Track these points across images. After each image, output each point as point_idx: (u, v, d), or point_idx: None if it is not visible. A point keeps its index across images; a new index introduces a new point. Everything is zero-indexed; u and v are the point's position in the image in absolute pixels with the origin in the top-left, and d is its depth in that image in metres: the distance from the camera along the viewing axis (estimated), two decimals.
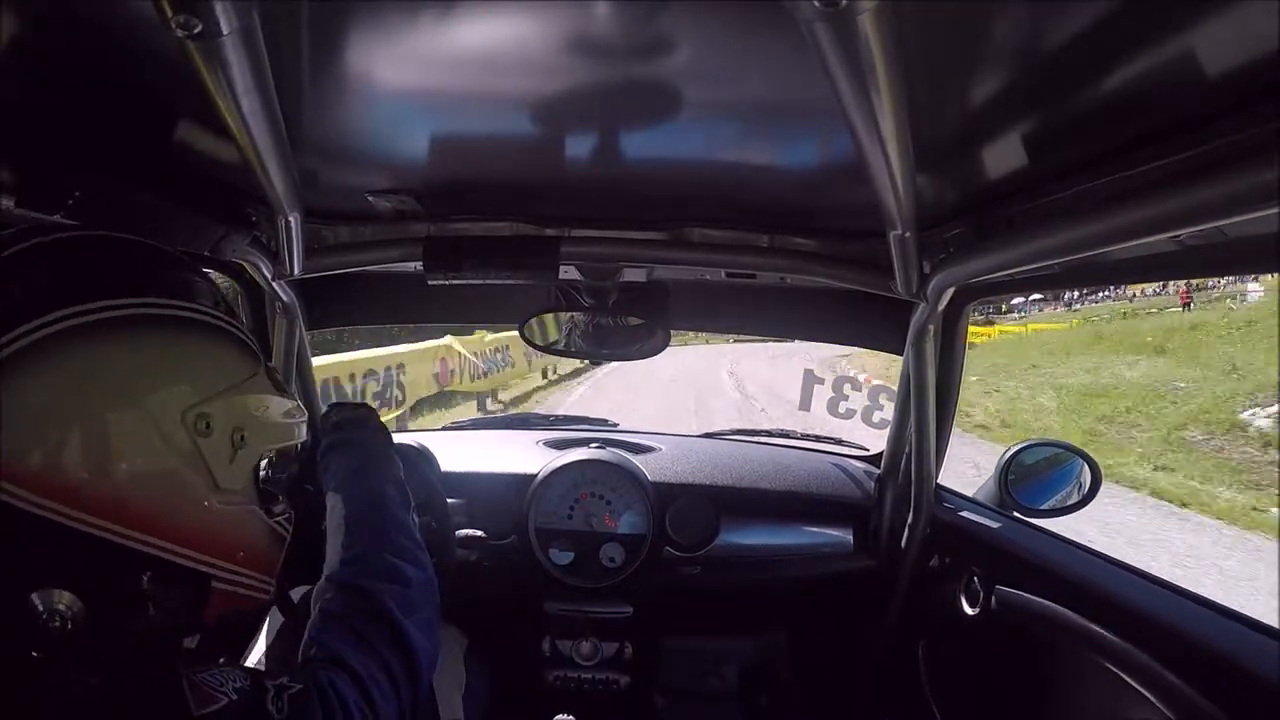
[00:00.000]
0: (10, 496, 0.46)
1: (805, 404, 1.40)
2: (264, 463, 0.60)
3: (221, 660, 0.62)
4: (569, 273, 1.22)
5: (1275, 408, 6.94)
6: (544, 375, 10.72)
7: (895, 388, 1.37)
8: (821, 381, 1.38)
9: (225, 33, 0.47)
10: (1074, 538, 1.13)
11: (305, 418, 0.67)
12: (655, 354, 1.44)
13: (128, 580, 0.51)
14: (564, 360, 9.70)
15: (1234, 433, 6.80)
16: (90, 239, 0.55)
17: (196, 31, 0.45)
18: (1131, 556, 1.41)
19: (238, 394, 0.57)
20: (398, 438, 1.42)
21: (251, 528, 0.59)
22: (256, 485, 0.59)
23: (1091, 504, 1.28)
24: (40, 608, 0.48)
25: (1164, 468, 6.25)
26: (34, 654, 0.48)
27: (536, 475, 1.47)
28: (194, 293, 0.57)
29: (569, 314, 1.43)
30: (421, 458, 1.38)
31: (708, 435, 1.88)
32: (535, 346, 1.46)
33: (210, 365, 0.56)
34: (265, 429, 0.60)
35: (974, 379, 10.56)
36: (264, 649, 0.91)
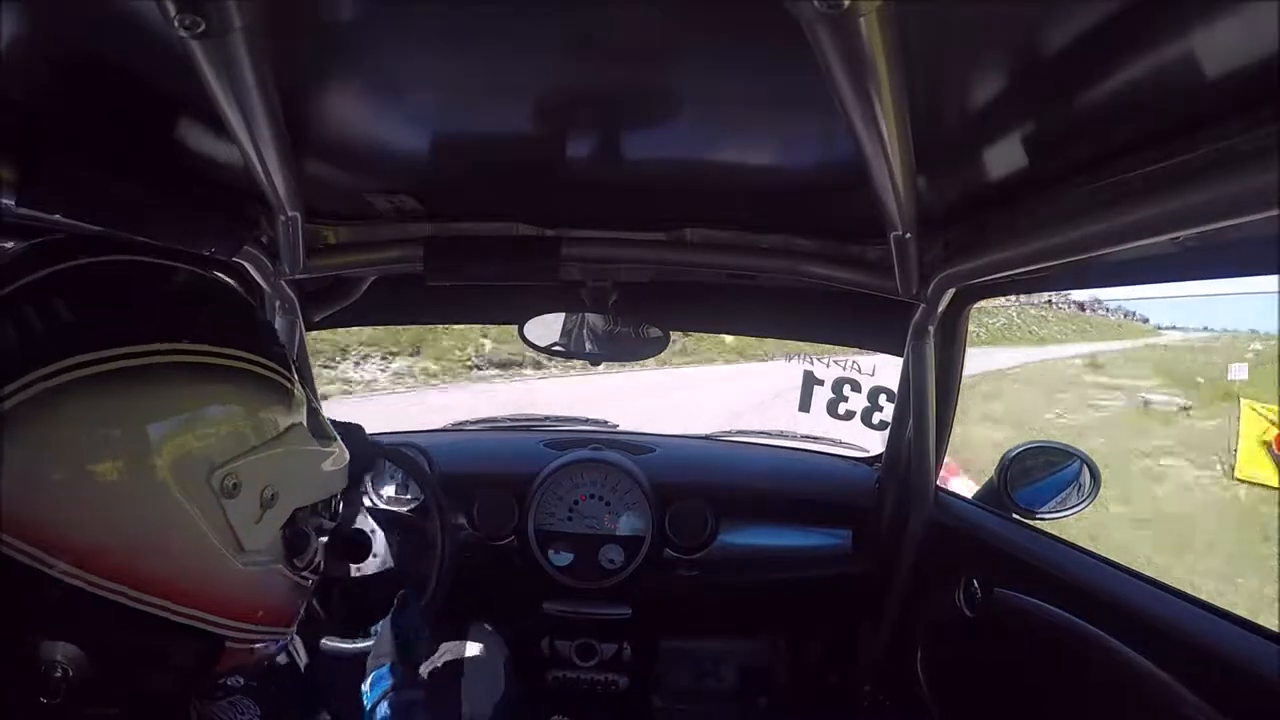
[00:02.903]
0: (15, 552, 0.43)
1: (805, 405, 1.40)
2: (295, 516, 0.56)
3: (229, 682, 0.61)
4: (569, 273, 1.22)
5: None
6: None
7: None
8: (821, 383, 1.37)
9: (228, 32, 0.47)
10: None
11: (346, 463, 0.62)
12: (655, 355, 1.44)
13: (136, 641, 0.48)
14: None
15: None
16: (117, 267, 0.50)
17: (200, 31, 0.45)
18: None
19: (271, 450, 0.52)
20: (396, 437, 1.41)
21: (274, 586, 0.55)
22: (284, 541, 0.55)
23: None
24: (42, 658, 0.45)
25: None
26: (43, 700, 0.46)
27: (536, 476, 1.47)
28: (230, 333, 0.52)
29: (569, 315, 1.43)
30: (420, 458, 1.38)
31: (707, 436, 1.88)
32: (536, 348, 1.46)
33: (243, 420, 0.51)
34: (299, 485, 0.55)
35: None
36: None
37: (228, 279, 0.58)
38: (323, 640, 0.98)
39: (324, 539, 0.76)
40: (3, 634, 0.45)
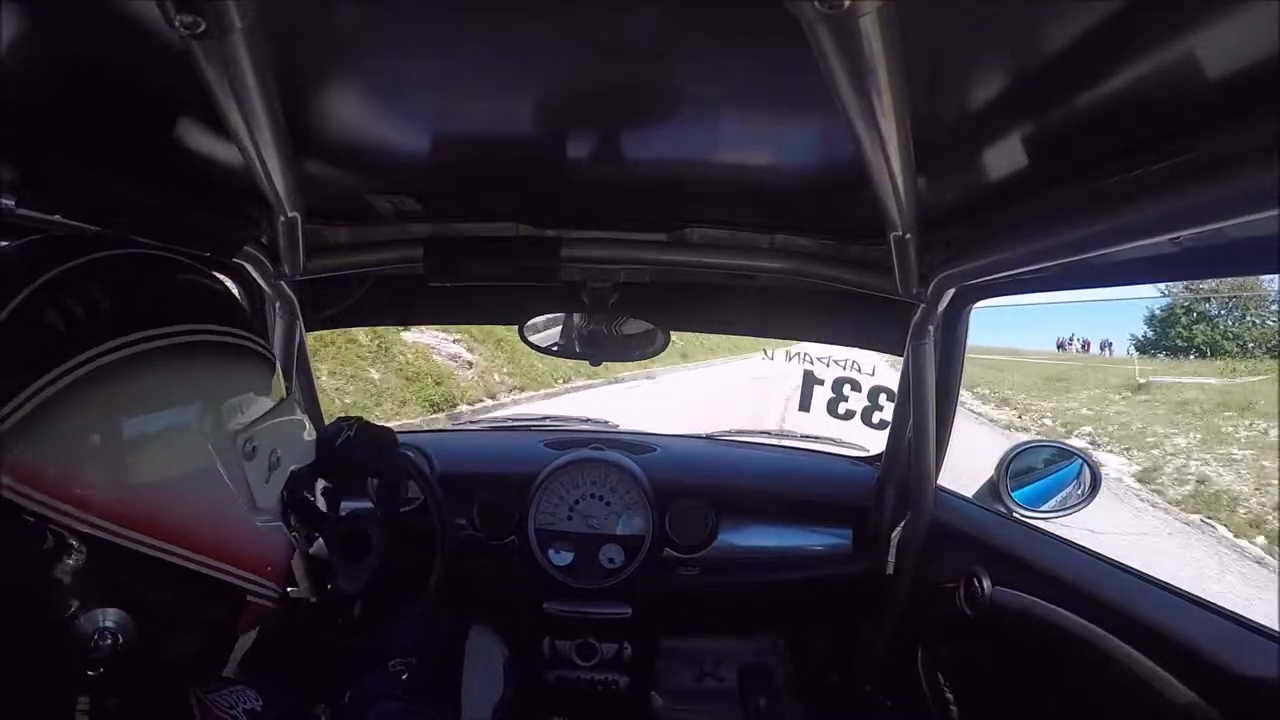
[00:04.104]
0: (74, 520, 0.46)
1: (805, 405, 1.41)
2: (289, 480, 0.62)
3: (229, 676, 0.62)
4: (569, 274, 1.22)
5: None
6: None
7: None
8: (821, 383, 1.38)
9: (228, 32, 0.47)
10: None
11: (315, 436, 0.68)
12: (655, 355, 1.44)
13: (177, 598, 0.52)
14: None
15: None
16: (140, 259, 0.54)
17: (200, 31, 0.45)
18: None
19: (275, 418, 0.58)
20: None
21: (279, 543, 0.61)
22: (282, 502, 0.61)
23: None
24: (91, 629, 0.47)
25: None
26: (89, 673, 0.48)
27: (536, 476, 1.47)
28: (237, 318, 0.57)
29: (570, 315, 1.43)
30: (420, 458, 1.38)
31: (707, 436, 1.88)
32: (536, 348, 1.46)
33: (255, 390, 0.57)
34: (294, 450, 0.61)
35: None
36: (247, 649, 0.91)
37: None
38: (323, 638, 0.98)
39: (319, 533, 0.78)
40: (52, 605, 0.47)
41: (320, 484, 1.47)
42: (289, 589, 0.93)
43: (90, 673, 0.47)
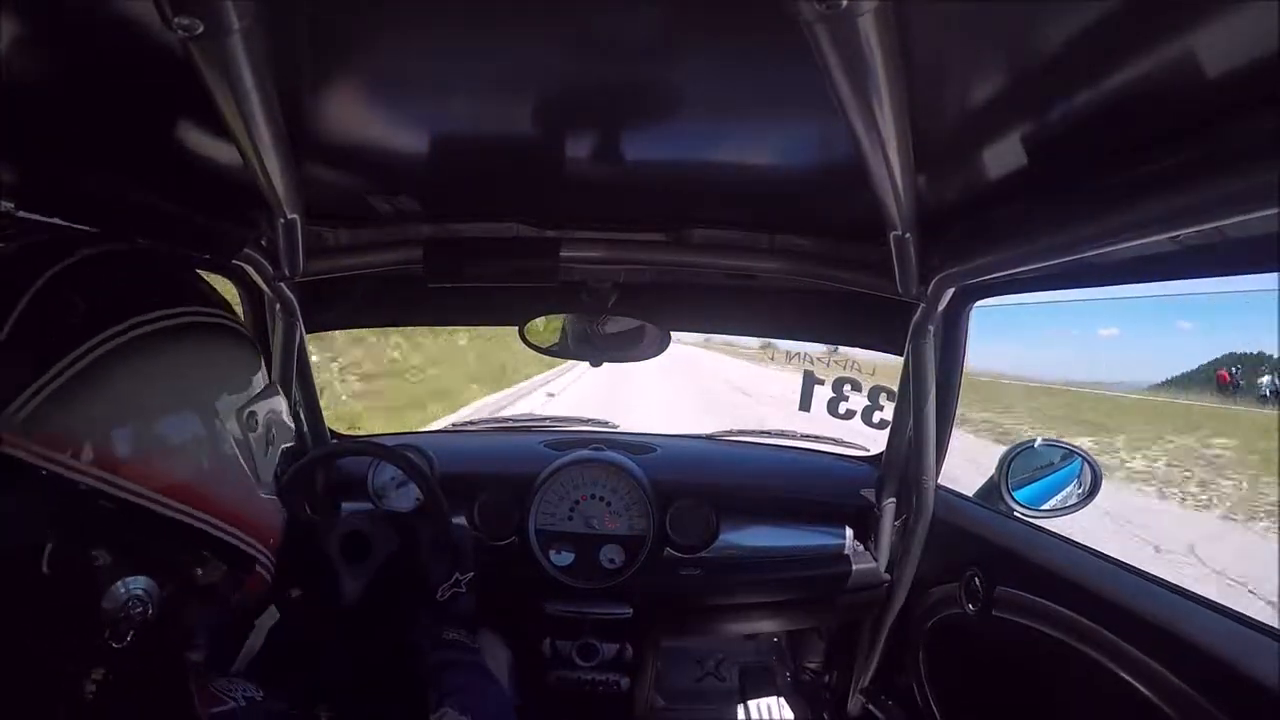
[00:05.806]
0: (109, 486, 0.49)
1: (805, 404, 1.41)
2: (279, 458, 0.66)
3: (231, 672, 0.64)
4: (569, 274, 1.22)
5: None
6: None
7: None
8: (822, 382, 1.38)
9: (226, 34, 0.47)
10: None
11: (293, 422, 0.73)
12: (655, 355, 1.44)
13: (196, 560, 0.56)
14: None
15: None
16: (127, 253, 0.57)
17: (198, 33, 0.46)
18: None
19: (267, 396, 0.62)
20: (397, 438, 1.40)
21: (279, 516, 0.65)
22: (276, 479, 0.65)
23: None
24: (123, 597, 0.50)
25: None
26: (115, 645, 0.49)
27: (537, 476, 1.47)
28: (225, 304, 0.61)
29: (569, 315, 1.43)
30: (421, 459, 1.38)
31: (708, 436, 1.88)
32: (535, 349, 1.46)
33: (250, 368, 0.61)
34: (284, 428, 0.65)
35: None
36: (254, 652, 0.91)
37: None
38: (323, 639, 0.98)
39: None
40: (82, 570, 0.49)
41: (320, 484, 1.46)
42: (291, 591, 0.93)
43: (116, 645, 0.49)
